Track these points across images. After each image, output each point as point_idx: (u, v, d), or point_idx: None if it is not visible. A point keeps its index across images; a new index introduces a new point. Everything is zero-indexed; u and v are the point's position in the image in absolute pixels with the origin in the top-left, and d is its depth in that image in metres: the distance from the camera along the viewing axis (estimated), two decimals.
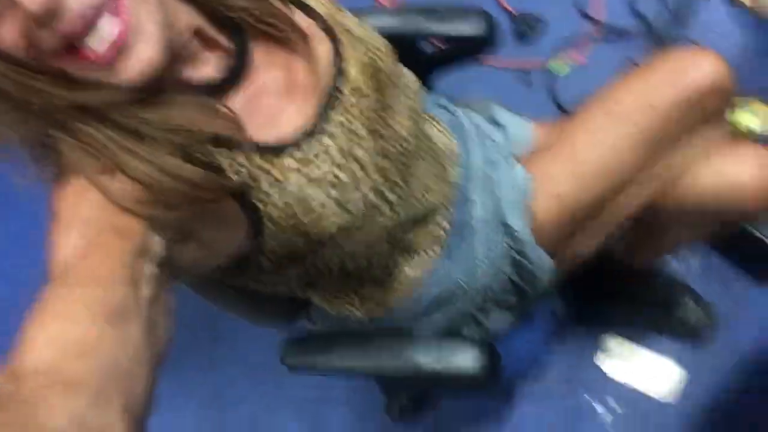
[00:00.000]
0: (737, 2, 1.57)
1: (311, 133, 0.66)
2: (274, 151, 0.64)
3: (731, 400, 1.28)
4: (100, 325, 0.43)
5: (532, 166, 0.87)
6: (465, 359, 0.82)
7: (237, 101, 0.64)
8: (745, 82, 0.83)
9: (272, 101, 0.66)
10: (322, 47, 0.70)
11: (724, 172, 0.85)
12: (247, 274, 0.71)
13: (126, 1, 0.51)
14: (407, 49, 0.84)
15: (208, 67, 0.63)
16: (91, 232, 0.50)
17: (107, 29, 0.50)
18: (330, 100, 0.68)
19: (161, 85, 0.56)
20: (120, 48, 0.51)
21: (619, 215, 0.87)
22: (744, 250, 1.32)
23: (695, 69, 0.81)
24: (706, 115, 0.83)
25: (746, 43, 1.54)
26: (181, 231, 0.57)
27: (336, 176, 0.67)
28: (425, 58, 0.99)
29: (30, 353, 0.41)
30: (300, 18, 0.71)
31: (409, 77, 0.83)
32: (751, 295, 1.34)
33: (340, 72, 0.70)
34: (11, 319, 0.45)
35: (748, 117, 1.39)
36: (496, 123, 0.97)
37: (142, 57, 0.52)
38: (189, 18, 0.60)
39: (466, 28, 0.95)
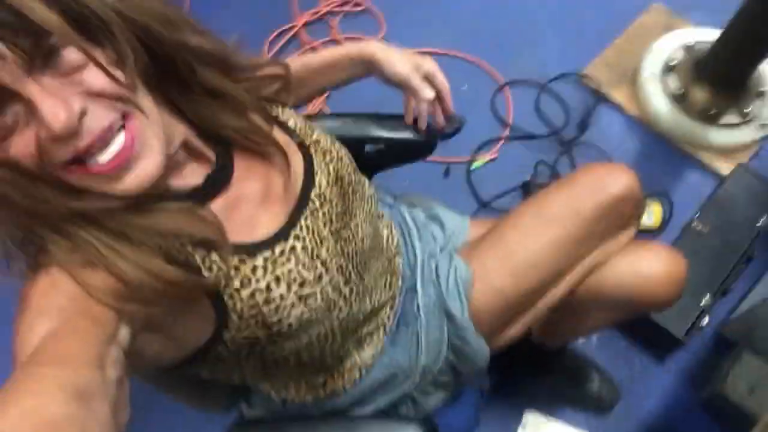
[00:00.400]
0: (628, 112, 1.79)
1: (281, 235, 0.70)
2: (247, 251, 0.67)
3: None
4: (72, 403, 0.43)
5: (471, 260, 0.93)
6: None
7: (218, 207, 0.67)
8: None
9: (250, 208, 0.70)
10: (296, 159, 0.76)
11: (636, 267, 0.92)
12: (206, 363, 0.71)
13: (135, 120, 0.56)
14: (354, 152, 0.89)
15: (193, 176, 0.67)
16: (63, 318, 0.51)
17: (116, 146, 0.54)
18: (300, 206, 0.73)
19: (150, 192, 0.59)
20: (124, 162, 0.55)
21: (547, 305, 0.94)
22: (642, 331, 1.44)
23: (612, 181, 0.91)
24: (622, 219, 0.92)
25: (636, 147, 1.75)
26: (149, 323, 0.58)
27: (300, 274, 0.70)
28: (370, 160, 1.04)
29: (4, 426, 0.42)
30: (278, 134, 0.76)
31: (366, 183, 0.88)
32: (649, 369, 1.47)
33: (310, 181, 0.76)
34: None
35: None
36: (435, 218, 1.04)
37: (145, 171, 0.57)
38: (181, 132, 0.65)
39: (409, 134, 1.01)
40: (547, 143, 1.75)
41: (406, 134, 1.02)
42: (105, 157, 0.54)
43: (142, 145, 0.56)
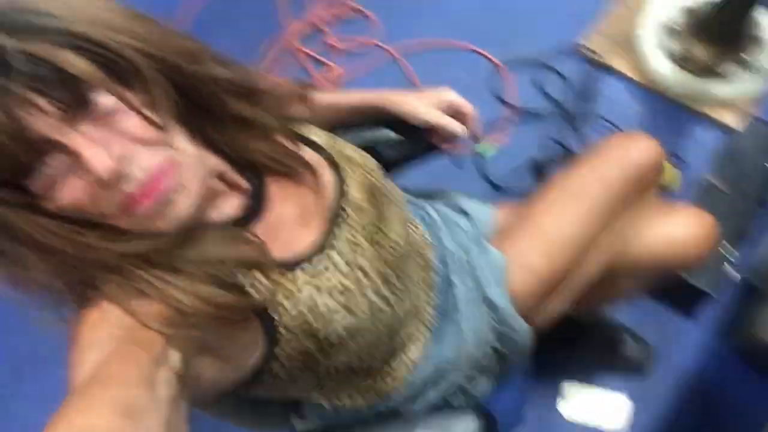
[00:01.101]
0: (630, 78, 1.80)
1: (320, 249, 0.72)
2: (289, 267, 0.69)
3: (675, 421, 1.40)
4: (119, 418, 0.44)
5: (503, 245, 0.95)
6: (467, 428, 0.88)
7: (258, 232, 0.69)
8: None
9: (287, 228, 0.72)
10: (326, 174, 0.78)
11: (663, 231, 0.95)
12: (263, 383, 0.72)
13: (172, 157, 0.58)
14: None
15: (230, 206, 0.69)
16: (111, 346, 0.52)
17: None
18: (335, 219, 0.75)
19: (192, 225, 0.61)
20: (162, 196, 0.57)
21: (585, 278, 0.95)
22: (671, 288, 1.44)
23: (635, 150, 0.93)
24: (646, 185, 0.94)
25: (642, 111, 1.76)
26: (202, 346, 0.60)
27: (342, 284, 0.72)
28: (385, 163, 1.05)
29: None
30: (305, 152, 0.78)
31: (394, 188, 0.90)
32: (680, 326, 1.48)
33: (342, 194, 0.77)
34: None
35: None
36: (459, 210, 1.05)
37: (185, 206, 0.59)
38: (214, 164, 0.66)
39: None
40: (553, 120, 1.76)
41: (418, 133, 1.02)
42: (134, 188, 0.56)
43: (180, 180, 0.58)
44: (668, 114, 1.75)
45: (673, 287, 1.43)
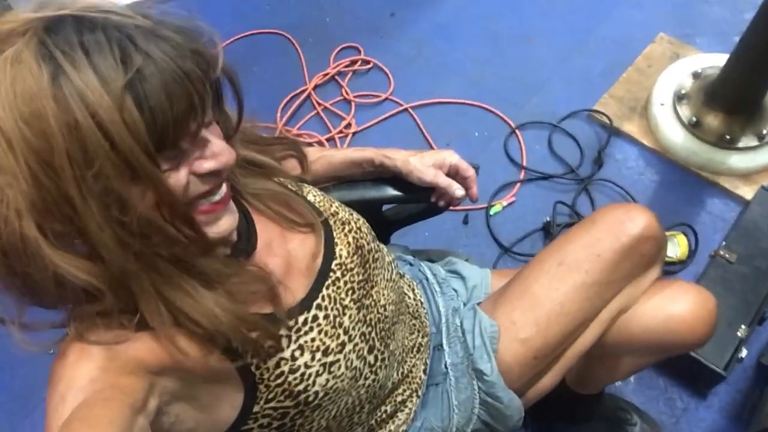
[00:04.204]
0: (642, 144, 1.79)
1: (304, 305, 0.72)
2: (272, 321, 0.67)
3: None
4: None
5: (495, 313, 0.93)
6: None
7: None
8: (660, 215, 0.94)
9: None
10: (317, 232, 0.78)
11: (663, 309, 0.92)
12: None
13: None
14: (373, 213, 0.91)
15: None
16: (94, 389, 0.53)
17: (221, 194, 0.62)
18: (321, 276, 0.75)
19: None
20: (223, 207, 0.62)
21: (577, 352, 0.93)
22: (681, 367, 1.40)
23: (630, 222, 0.90)
24: (643, 259, 0.91)
25: (654, 178, 1.74)
26: (178, 394, 0.60)
27: (323, 342, 0.71)
28: (389, 219, 1.07)
29: None
30: (300, 204, 0.78)
31: (384, 250, 0.89)
32: (691, 406, 1.42)
33: (330, 252, 0.77)
34: None
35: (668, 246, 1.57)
36: (455, 273, 1.04)
37: (233, 219, 0.64)
38: None
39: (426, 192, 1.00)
40: (563, 183, 1.75)
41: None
42: (216, 197, 0.61)
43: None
44: (680, 182, 1.73)
45: (684, 364, 1.37)
